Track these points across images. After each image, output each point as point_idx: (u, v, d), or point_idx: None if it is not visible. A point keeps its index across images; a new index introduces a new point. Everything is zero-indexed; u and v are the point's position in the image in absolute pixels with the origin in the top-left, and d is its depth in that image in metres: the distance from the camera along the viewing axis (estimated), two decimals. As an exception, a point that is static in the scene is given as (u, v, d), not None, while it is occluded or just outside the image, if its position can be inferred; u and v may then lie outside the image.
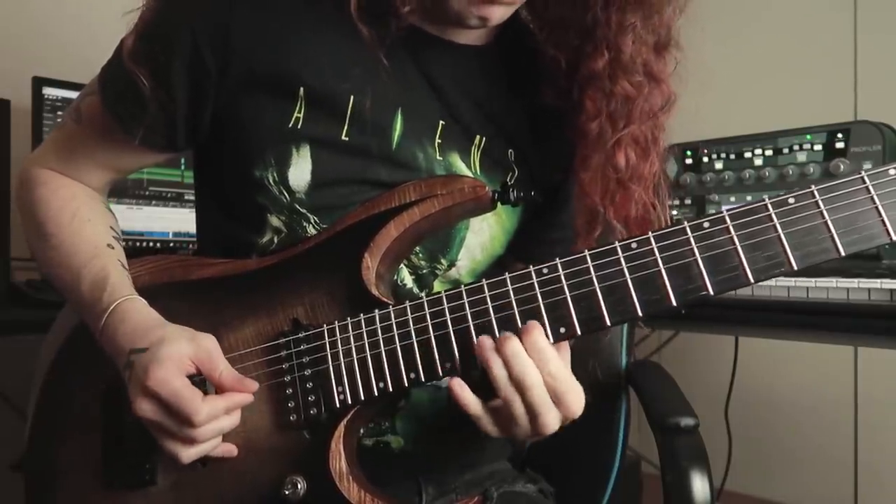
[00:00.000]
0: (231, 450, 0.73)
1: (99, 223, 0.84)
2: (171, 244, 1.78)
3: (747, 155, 1.63)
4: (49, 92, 1.62)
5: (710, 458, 0.86)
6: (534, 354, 0.65)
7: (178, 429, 0.68)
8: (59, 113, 1.63)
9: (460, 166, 0.83)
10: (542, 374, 0.65)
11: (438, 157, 0.82)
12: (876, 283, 1.19)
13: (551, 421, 0.67)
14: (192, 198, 1.80)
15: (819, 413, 2.14)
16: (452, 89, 0.82)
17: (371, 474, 0.73)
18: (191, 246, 1.81)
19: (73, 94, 1.64)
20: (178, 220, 1.80)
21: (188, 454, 0.69)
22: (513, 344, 0.65)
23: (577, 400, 0.68)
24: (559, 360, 0.66)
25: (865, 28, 2.11)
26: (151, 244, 1.76)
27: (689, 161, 1.72)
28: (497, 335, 0.67)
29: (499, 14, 0.75)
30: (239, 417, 0.71)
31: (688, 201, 1.70)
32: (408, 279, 0.83)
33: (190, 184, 1.80)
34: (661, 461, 0.88)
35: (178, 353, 0.69)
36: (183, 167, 1.79)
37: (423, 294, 0.72)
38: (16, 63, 1.73)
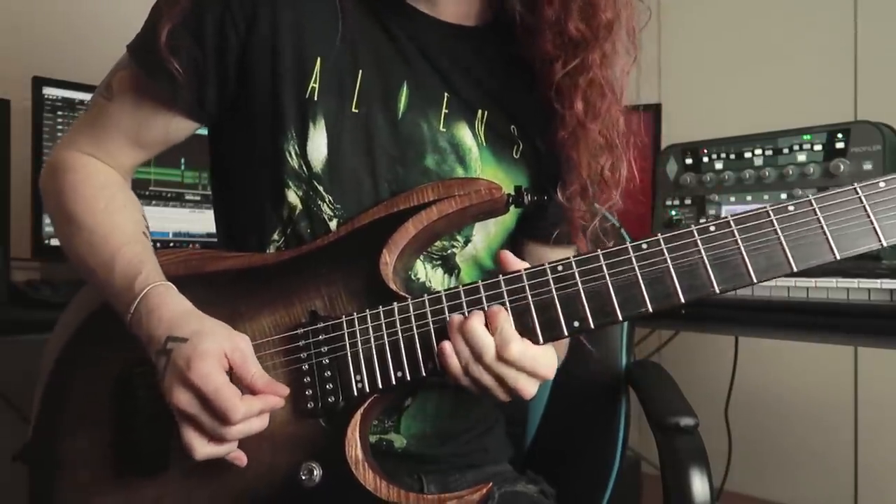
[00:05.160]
0: (241, 458, 0.72)
1: (133, 211, 0.85)
2: (171, 244, 1.78)
3: (747, 155, 1.63)
4: (49, 92, 1.62)
5: (710, 458, 0.86)
6: (495, 336, 0.68)
7: (210, 424, 0.68)
8: (60, 113, 1.63)
9: (466, 138, 0.85)
10: (503, 356, 0.68)
11: (442, 129, 0.84)
12: (876, 283, 1.19)
13: (524, 387, 0.70)
14: (192, 198, 1.81)
15: (819, 413, 2.14)
16: (451, 66, 0.85)
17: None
18: (191, 246, 1.81)
19: (74, 94, 1.65)
20: (179, 220, 1.80)
21: (205, 451, 0.69)
22: (472, 323, 0.68)
23: (547, 366, 0.70)
24: (518, 343, 0.68)
25: (865, 28, 2.11)
26: (151, 244, 1.76)
27: (689, 161, 1.72)
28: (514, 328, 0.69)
29: None
30: (267, 421, 0.71)
31: (688, 201, 1.70)
32: (421, 272, 0.84)
33: (190, 184, 1.80)
34: (661, 461, 0.88)
35: (218, 349, 0.69)
36: (183, 167, 1.79)
37: (444, 284, 0.74)
38: (16, 63, 1.73)
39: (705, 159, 1.69)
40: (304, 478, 0.72)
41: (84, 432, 0.80)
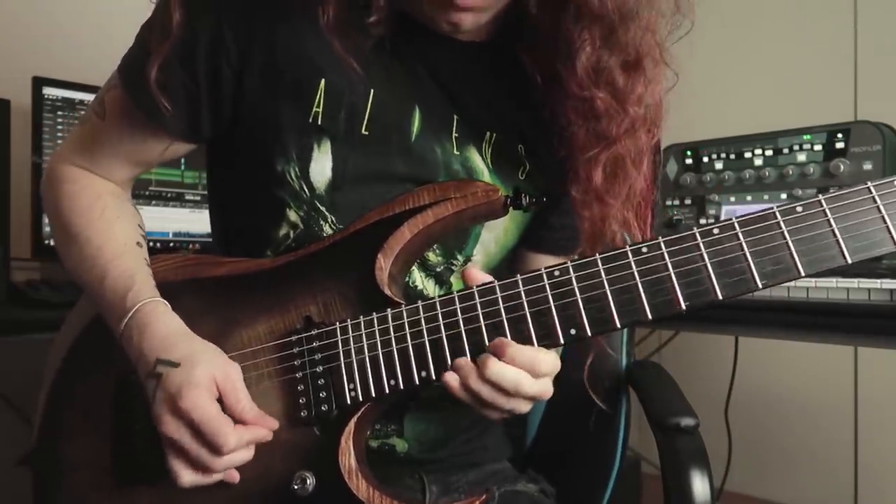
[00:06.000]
0: (234, 476, 0.72)
1: (127, 220, 0.84)
2: (171, 244, 1.78)
3: (747, 155, 1.63)
4: (49, 92, 1.62)
5: (710, 458, 0.86)
6: (522, 365, 0.67)
7: (199, 454, 0.67)
8: (60, 113, 1.63)
9: (476, 160, 0.83)
10: (540, 372, 0.68)
11: (455, 152, 0.82)
12: (876, 283, 1.19)
13: (545, 390, 0.70)
14: (192, 198, 1.81)
15: (819, 413, 2.14)
16: (459, 86, 0.83)
17: (375, 473, 0.73)
18: (191, 246, 1.81)
19: (73, 94, 1.64)
20: (178, 220, 1.80)
21: (191, 479, 0.69)
22: (494, 366, 0.67)
23: (551, 364, 0.69)
24: (545, 356, 0.68)
25: (865, 28, 2.11)
26: (151, 244, 1.76)
27: (689, 161, 1.72)
28: (509, 336, 0.68)
29: (469, 20, 0.75)
30: (253, 452, 0.71)
31: (688, 201, 1.70)
32: (419, 280, 0.83)
33: (190, 184, 1.80)
34: (661, 461, 0.88)
35: (209, 376, 0.69)
36: (183, 167, 1.79)
37: (435, 295, 0.73)
38: (16, 63, 1.73)
39: (705, 159, 1.69)
40: (296, 487, 0.71)
41: (88, 436, 0.79)
